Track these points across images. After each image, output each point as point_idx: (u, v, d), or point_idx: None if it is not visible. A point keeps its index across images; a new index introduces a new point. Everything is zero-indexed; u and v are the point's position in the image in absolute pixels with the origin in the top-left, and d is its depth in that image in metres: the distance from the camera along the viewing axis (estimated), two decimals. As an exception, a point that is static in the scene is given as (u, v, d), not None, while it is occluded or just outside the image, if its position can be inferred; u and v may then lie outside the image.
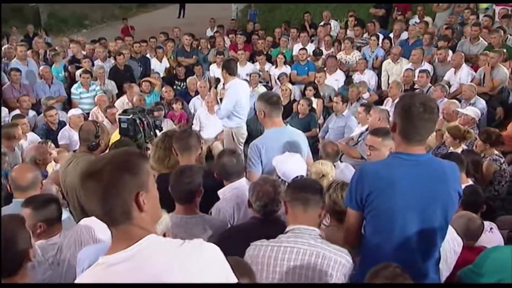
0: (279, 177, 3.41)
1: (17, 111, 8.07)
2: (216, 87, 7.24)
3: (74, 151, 4.39)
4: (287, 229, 2.67)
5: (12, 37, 12.80)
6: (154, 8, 27.60)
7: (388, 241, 2.57)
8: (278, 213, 3.09)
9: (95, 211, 1.67)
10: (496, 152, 5.60)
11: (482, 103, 7.58)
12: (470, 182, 4.84)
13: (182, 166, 3.22)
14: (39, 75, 9.57)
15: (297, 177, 3.36)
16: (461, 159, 4.81)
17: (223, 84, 6.62)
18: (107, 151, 4.07)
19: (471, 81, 8.18)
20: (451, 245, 3.14)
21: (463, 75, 8.50)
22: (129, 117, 4.40)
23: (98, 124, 4.15)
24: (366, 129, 6.42)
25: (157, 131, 4.61)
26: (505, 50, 8.51)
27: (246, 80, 9.19)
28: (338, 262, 2.56)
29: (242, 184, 3.56)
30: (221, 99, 7.06)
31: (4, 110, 8.11)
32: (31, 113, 8.36)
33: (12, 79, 8.90)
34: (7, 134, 6.13)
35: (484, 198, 4.29)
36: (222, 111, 6.32)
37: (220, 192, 3.56)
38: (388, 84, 9.37)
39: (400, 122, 2.51)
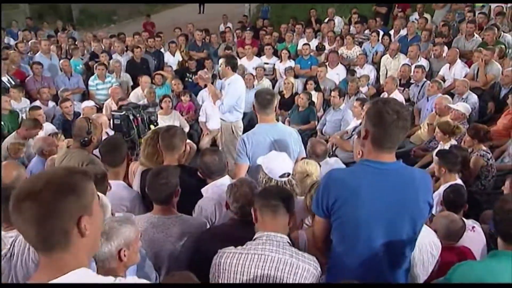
0: (266, 174, 3.14)
1: (37, 102, 7.97)
2: (212, 83, 6.86)
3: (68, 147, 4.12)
4: (255, 236, 2.42)
5: (39, 32, 12.60)
6: (177, 5, 27.48)
7: (354, 250, 2.32)
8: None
9: (28, 236, 1.40)
10: (484, 147, 5.28)
11: (474, 97, 7.23)
12: (457, 178, 4.55)
13: (158, 167, 2.98)
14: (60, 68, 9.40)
15: (283, 174, 3.09)
16: (456, 160, 4.52)
17: (224, 79, 6.24)
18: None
19: (465, 76, 7.80)
20: (428, 249, 2.86)
21: (457, 71, 8.15)
22: (122, 113, 4.20)
23: (91, 121, 3.92)
24: (360, 123, 6.14)
25: (152, 126, 4.38)
26: (502, 46, 8.14)
27: (251, 74, 8.97)
28: (306, 269, 2.33)
29: (224, 183, 3.30)
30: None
31: (26, 101, 8.00)
32: (51, 104, 8.20)
33: (34, 71, 8.81)
34: (28, 125, 6.02)
35: (466, 198, 3.93)
36: (225, 106, 5.97)
37: (203, 190, 3.32)
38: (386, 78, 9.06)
39: (372, 129, 2.22)
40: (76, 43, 10.81)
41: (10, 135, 6.18)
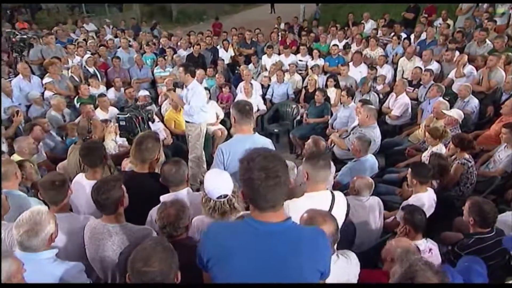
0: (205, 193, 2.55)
1: (112, 89, 7.80)
2: (175, 90, 5.99)
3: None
4: None
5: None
6: (255, 6, 26.93)
7: None
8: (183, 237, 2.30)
9: None
10: (466, 155, 4.33)
11: (475, 101, 6.13)
12: (428, 189, 3.71)
13: (99, 182, 2.46)
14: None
15: (220, 196, 2.48)
16: (427, 174, 3.68)
17: (184, 85, 5.37)
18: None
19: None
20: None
21: (465, 72, 6.89)
22: (126, 115, 3.74)
23: (91, 122, 3.52)
24: (359, 124, 5.32)
25: (150, 123, 3.89)
26: (510, 54, 6.81)
27: (281, 70, 8.22)
28: None
29: (180, 195, 2.75)
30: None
31: (103, 88, 7.84)
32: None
33: (113, 64, 8.60)
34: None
35: (426, 220, 3.09)
36: (194, 108, 5.23)
37: (161, 198, 2.78)
38: (402, 77, 7.96)
39: (245, 189, 1.58)
40: (147, 40, 10.43)
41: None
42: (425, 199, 3.60)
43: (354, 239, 3.32)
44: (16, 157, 4.45)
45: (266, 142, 3.42)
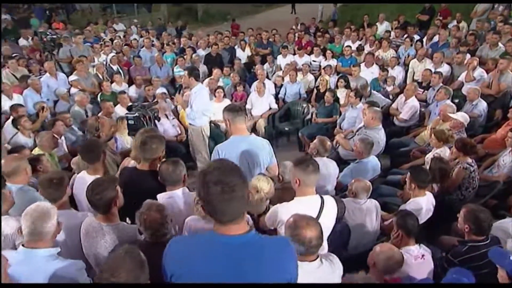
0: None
1: (133, 86, 7.83)
2: (179, 92, 5.80)
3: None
4: None
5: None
6: (277, 6, 26.62)
7: None
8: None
9: None
10: (469, 160, 4.12)
11: (483, 104, 5.86)
12: (426, 193, 3.55)
13: (94, 182, 2.43)
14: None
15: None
16: (426, 179, 3.51)
17: (189, 88, 5.22)
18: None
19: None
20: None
21: (475, 75, 6.59)
22: (134, 115, 3.70)
23: (99, 121, 3.50)
24: (364, 126, 5.15)
25: (156, 121, 3.85)
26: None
27: (293, 70, 8.07)
28: None
29: (175, 195, 2.70)
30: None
31: (125, 85, 7.90)
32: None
33: (135, 63, 8.63)
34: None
35: (418, 226, 2.93)
36: (196, 112, 5.07)
37: (158, 196, 2.74)
38: (413, 79, 7.70)
39: (202, 203, 1.48)
40: (167, 40, 10.44)
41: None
42: (423, 203, 3.44)
43: (348, 241, 3.22)
44: (37, 150, 4.52)
45: (262, 143, 3.32)
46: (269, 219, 2.43)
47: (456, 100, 6.41)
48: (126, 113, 3.79)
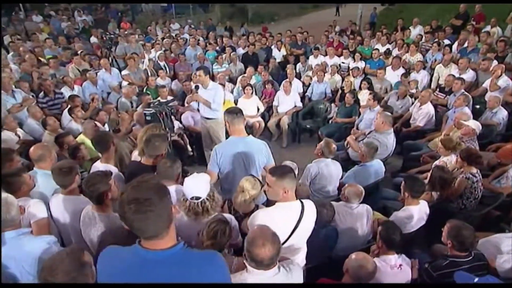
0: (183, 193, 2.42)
1: (175, 81, 7.92)
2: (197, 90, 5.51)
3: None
4: None
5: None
6: (322, 8, 25.69)
7: None
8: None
9: None
10: (473, 170, 3.70)
11: (503, 113, 5.27)
12: (420, 202, 3.24)
13: (89, 175, 2.44)
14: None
15: (192, 197, 2.35)
16: (419, 189, 3.19)
17: (204, 86, 4.92)
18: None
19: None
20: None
21: (500, 84, 5.91)
22: (151, 111, 3.68)
23: (120, 116, 3.53)
24: (375, 129, 4.81)
25: (172, 117, 3.82)
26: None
27: (322, 70, 7.72)
28: None
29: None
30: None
31: (168, 80, 7.95)
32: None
33: (180, 59, 8.66)
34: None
35: (402, 239, 2.65)
36: (218, 106, 4.88)
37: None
38: (438, 84, 7.08)
39: (122, 219, 1.32)
40: (210, 40, 10.41)
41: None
42: (415, 212, 3.14)
43: (335, 244, 3.02)
44: (81, 137, 4.71)
45: (259, 144, 3.16)
46: (250, 224, 2.31)
47: (477, 106, 5.83)
48: (144, 110, 3.80)
